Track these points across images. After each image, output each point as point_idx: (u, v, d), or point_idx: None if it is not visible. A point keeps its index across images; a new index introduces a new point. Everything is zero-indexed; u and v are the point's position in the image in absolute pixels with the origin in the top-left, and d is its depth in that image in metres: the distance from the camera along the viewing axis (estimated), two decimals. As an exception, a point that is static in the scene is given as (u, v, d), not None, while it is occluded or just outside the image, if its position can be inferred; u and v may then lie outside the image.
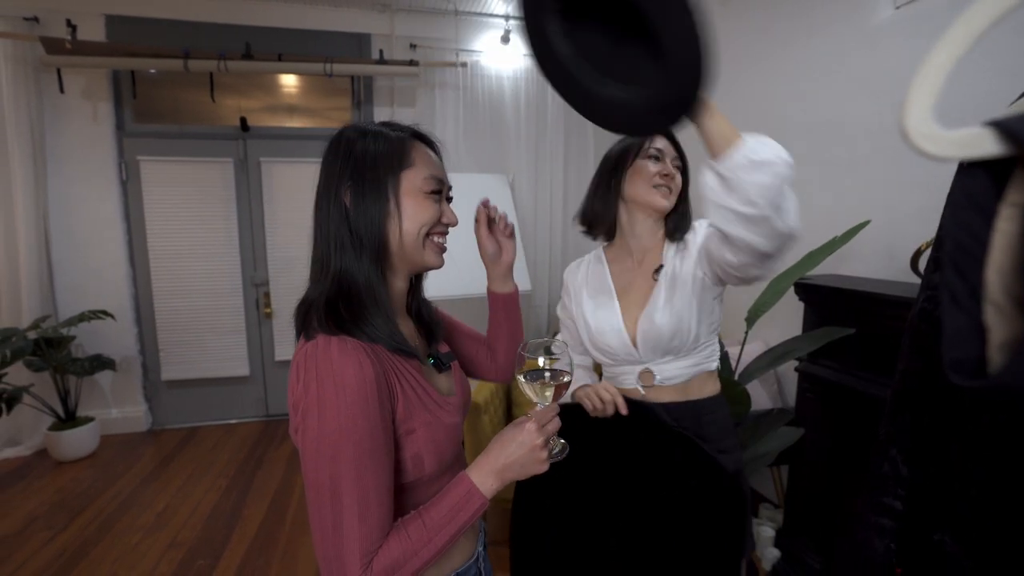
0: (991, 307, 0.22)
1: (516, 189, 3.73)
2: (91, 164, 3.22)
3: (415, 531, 0.63)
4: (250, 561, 2.11)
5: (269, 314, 3.56)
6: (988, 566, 0.41)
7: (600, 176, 1.15)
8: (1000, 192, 0.22)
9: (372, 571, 0.59)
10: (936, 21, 1.73)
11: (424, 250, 0.73)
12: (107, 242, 3.28)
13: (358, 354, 0.62)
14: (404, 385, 0.68)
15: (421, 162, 0.73)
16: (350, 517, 0.59)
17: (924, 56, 0.23)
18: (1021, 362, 0.21)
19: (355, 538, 0.59)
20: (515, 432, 0.68)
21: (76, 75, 3.13)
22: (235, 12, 3.28)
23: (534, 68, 1.14)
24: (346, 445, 0.60)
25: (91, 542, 2.24)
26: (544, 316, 3.86)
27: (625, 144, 1.11)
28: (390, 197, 0.70)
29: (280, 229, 3.54)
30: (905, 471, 0.47)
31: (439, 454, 0.70)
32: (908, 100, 0.24)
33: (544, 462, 0.68)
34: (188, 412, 3.56)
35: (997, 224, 0.22)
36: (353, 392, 0.60)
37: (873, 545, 0.48)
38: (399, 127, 0.76)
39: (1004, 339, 0.22)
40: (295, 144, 3.54)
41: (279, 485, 2.73)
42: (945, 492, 0.45)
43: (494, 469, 0.67)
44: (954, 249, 0.23)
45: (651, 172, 1.06)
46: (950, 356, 0.24)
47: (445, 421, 0.72)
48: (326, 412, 0.60)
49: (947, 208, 0.24)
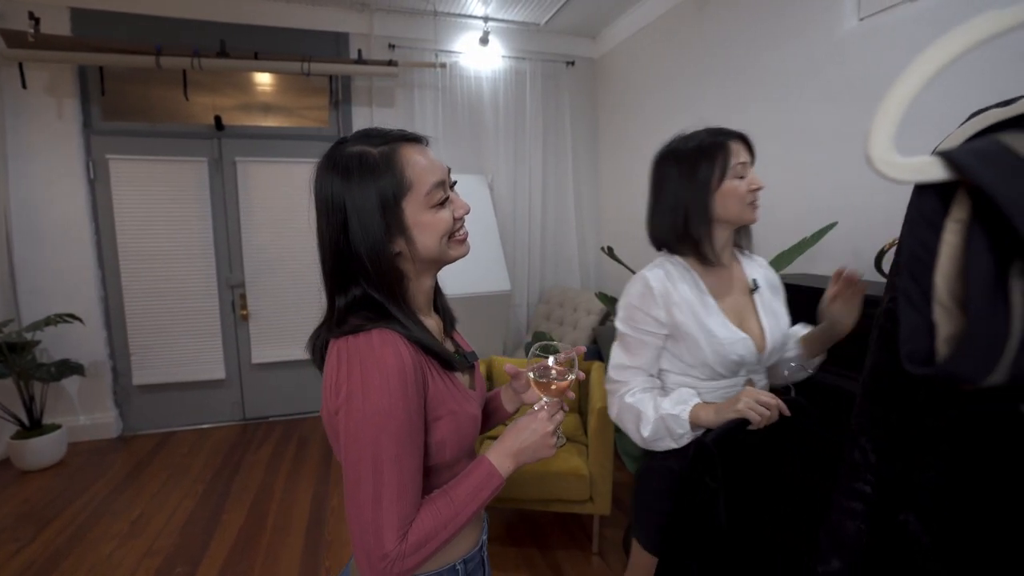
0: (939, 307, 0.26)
1: (495, 190, 3.75)
2: (56, 163, 3.11)
3: (444, 506, 0.69)
4: (231, 566, 2.08)
5: (245, 316, 3.50)
6: (943, 542, 0.46)
7: (688, 199, 1.06)
8: (947, 209, 0.27)
9: (407, 542, 0.65)
10: (898, 32, 1.83)
11: (450, 250, 0.76)
12: (74, 243, 3.17)
13: (398, 342, 0.68)
14: (435, 374, 0.73)
15: (418, 176, 0.70)
16: (389, 492, 0.64)
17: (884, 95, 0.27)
18: (960, 353, 0.25)
19: (394, 511, 0.64)
20: (528, 420, 0.76)
21: (40, 70, 3.02)
22: (209, 8, 3.21)
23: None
24: (388, 425, 0.65)
25: (62, 553, 2.18)
26: (523, 315, 3.90)
27: (707, 163, 1.04)
28: (396, 233, 0.70)
29: (257, 230, 3.48)
30: (874, 459, 0.51)
31: (460, 442, 0.75)
32: (872, 132, 0.28)
33: (552, 447, 0.75)
34: (161, 417, 3.47)
35: (944, 237, 0.26)
36: (395, 377, 0.65)
37: (846, 526, 0.52)
38: (382, 138, 0.72)
39: (948, 334, 0.26)
40: (272, 144, 3.49)
41: (258, 489, 2.69)
42: (908, 477, 0.50)
43: (510, 452, 0.74)
44: (909, 258, 0.27)
45: (743, 191, 1.04)
46: (905, 348, 0.28)
47: (469, 411, 0.77)
48: (370, 394, 0.64)
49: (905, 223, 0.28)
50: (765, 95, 2.42)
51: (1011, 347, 0.25)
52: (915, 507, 0.49)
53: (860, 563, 0.50)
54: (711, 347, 1.03)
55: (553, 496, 2.03)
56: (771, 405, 0.94)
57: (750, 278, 1.14)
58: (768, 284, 1.17)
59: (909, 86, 0.26)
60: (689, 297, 1.06)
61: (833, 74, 2.08)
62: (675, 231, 1.09)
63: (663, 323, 1.06)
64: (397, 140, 0.72)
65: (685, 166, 1.06)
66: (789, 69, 2.28)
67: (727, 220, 1.07)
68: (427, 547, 0.67)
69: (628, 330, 1.09)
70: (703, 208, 1.05)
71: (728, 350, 1.03)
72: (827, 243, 1.86)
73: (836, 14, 2.05)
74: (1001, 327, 0.25)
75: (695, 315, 1.05)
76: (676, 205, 1.07)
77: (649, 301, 1.06)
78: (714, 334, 1.03)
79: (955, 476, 0.45)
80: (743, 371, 1.08)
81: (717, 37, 2.71)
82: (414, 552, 0.66)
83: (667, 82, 3.16)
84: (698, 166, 1.05)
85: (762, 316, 1.11)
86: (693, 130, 1.11)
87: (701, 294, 1.07)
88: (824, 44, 2.11)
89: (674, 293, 1.06)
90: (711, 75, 2.77)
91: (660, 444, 1.04)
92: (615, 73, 3.79)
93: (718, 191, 1.04)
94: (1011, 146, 0.26)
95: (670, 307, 1.05)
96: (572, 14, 3.51)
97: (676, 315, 1.05)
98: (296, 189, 3.53)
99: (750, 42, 2.50)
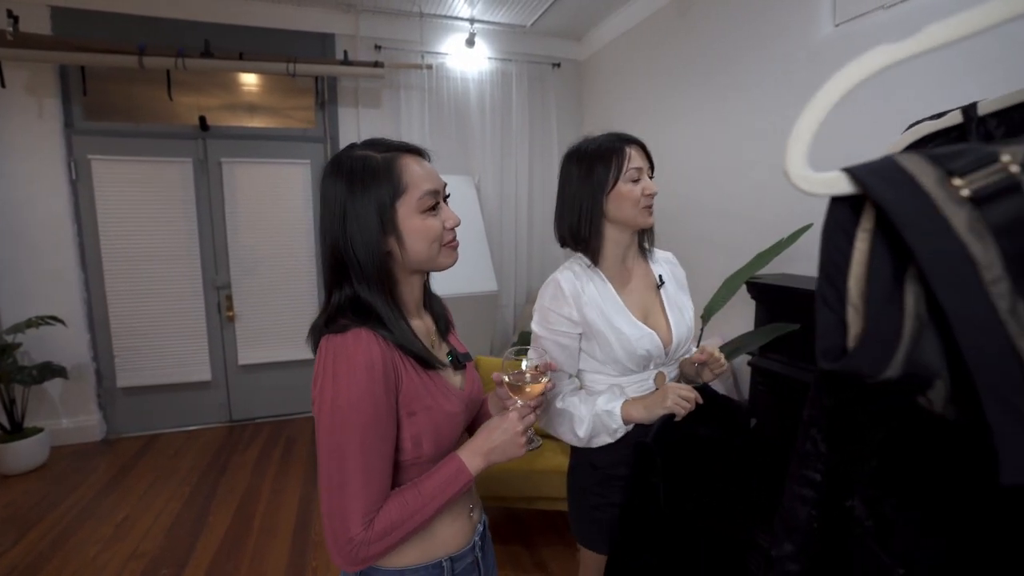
0: (851, 308, 0.29)
1: (481, 190, 3.77)
2: (37, 163, 3.07)
3: (412, 498, 0.72)
4: (217, 568, 2.08)
5: (232, 317, 3.49)
6: (882, 525, 0.49)
7: (583, 199, 1.10)
8: (857, 219, 0.30)
9: (372, 529, 0.69)
10: (872, 38, 1.88)
11: (440, 256, 0.80)
12: (56, 244, 3.13)
13: (371, 341, 0.72)
14: (411, 372, 0.76)
15: (413, 182, 0.76)
16: (355, 480, 0.68)
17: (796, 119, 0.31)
18: (859, 349, 0.29)
19: (359, 498, 0.68)
20: (500, 421, 0.79)
21: (19, 69, 2.98)
22: (193, 8, 3.19)
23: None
24: (354, 416, 0.68)
25: (45, 557, 2.16)
26: (510, 316, 3.92)
27: (603, 166, 1.08)
28: (389, 230, 0.75)
29: (242, 231, 3.46)
30: (823, 448, 0.55)
31: (437, 439, 0.78)
32: (788, 150, 0.31)
33: (522, 447, 0.78)
34: (146, 419, 3.45)
35: (855, 244, 0.29)
36: (362, 372, 0.69)
37: (797, 512, 0.56)
38: (386, 146, 0.78)
39: (856, 333, 0.29)
40: (257, 144, 3.47)
41: (245, 491, 2.69)
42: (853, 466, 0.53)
43: (481, 451, 0.77)
44: (826, 262, 0.31)
45: (637, 195, 1.07)
46: (820, 345, 0.31)
47: (446, 408, 0.79)
48: (340, 388, 0.69)
49: (822, 231, 0.31)
50: (745, 98, 2.47)
51: (903, 344, 0.28)
52: (860, 493, 0.52)
53: (810, 546, 0.54)
54: (620, 343, 1.07)
55: (538, 494, 2.06)
56: (690, 398, 1.02)
57: (656, 274, 1.19)
58: (674, 279, 1.22)
59: (817, 111, 0.30)
60: (596, 296, 1.10)
61: (809, 78, 2.14)
62: (572, 229, 1.13)
63: (576, 322, 1.09)
64: (399, 150, 0.79)
65: (584, 167, 1.10)
66: (767, 73, 2.33)
67: (622, 222, 1.10)
68: (393, 535, 0.70)
69: (545, 332, 1.11)
70: (597, 208, 1.09)
71: (635, 345, 1.07)
72: (803, 244, 1.91)
73: (813, 20, 2.11)
74: (895, 326, 0.28)
75: (603, 313, 1.09)
76: (574, 204, 1.11)
77: (561, 302, 1.09)
78: (621, 331, 1.08)
79: (890, 464, 0.49)
80: (652, 365, 1.13)
81: (698, 41, 2.76)
82: (379, 539, 0.69)
83: (650, 84, 3.20)
84: (595, 168, 1.09)
85: (668, 311, 1.16)
86: (600, 133, 1.15)
87: (608, 292, 1.12)
88: (801, 49, 2.17)
89: (583, 293, 1.10)
90: (692, 78, 2.82)
91: (596, 441, 1.09)
92: (600, 75, 3.83)
93: (612, 193, 1.08)
94: (902, 165, 0.29)
95: (581, 306, 1.08)
96: (558, 16, 3.54)
97: (587, 313, 1.08)
98: (282, 190, 3.52)
99: (730, 46, 2.55)
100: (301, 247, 3.59)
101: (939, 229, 0.26)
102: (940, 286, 0.26)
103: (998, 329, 0.26)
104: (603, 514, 1.13)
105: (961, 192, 0.27)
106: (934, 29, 0.30)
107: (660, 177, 1.16)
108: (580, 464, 1.18)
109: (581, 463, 1.17)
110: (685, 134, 2.87)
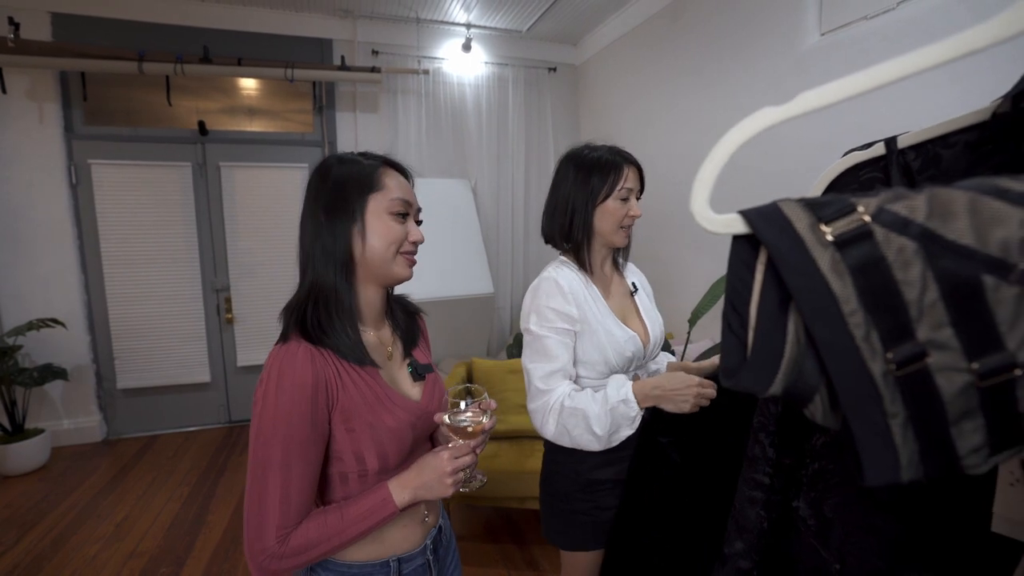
0: (751, 331, 0.33)
1: (478, 194, 3.81)
2: (38, 167, 3.11)
3: (333, 521, 0.74)
4: (215, 566, 2.12)
5: (231, 320, 3.53)
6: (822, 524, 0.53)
7: (576, 204, 1.13)
8: (756, 253, 0.34)
9: (288, 545, 0.71)
10: (856, 47, 1.92)
11: (394, 264, 0.82)
12: (56, 248, 3.18)
13: (304, 359, 0.73)
14: (349, 388, 0.77)
15: (389, 186, 0.81)
16: (272, 495, 0.70)
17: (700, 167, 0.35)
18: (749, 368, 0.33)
19: (275, 514, 0.70)
20: (431, 458, 0.79)
21: (20, 74, 3.03)
22: (192, 14, 3.24)
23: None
24: (278, 432, 0.71)
25: (45, 556, 2.20)
26: (507, 317, 3.96)
27: (599, 178, 1.11)
28: (357, 218, 0.79)
29: (241, 234, 3.51)
30: (771, 453, 0.59)
31: (381, 454, 0.79)
32: (693, 194, 0.36)
33: (449, 487, 0.78)
34: (146, 420, 3.49)
35: (755, 275, 0.34)
36: (290, 389, 0.71)
37: (747, 513, 0.59)
38: (374, 156, 0.85)
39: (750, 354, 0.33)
40: (255, 148, 3.52)
41: (244, 491, 2.72)
42: (798, 469, 0.57)
43: (409, 486, 0.78)
44: (731, 291, 0.34)
45: (621, 214, 1.11)
46: (723, 364, 0.35)
47: (387, 424, 0.79)
48: (267, 405, 0.71)
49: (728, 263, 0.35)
50: (735, 104, 2.51)
51: (784, 365, 0.32)
52: (804, 495, 0.56)
53: (758, 544, 0.58)
54: (610, 344, 1.10)
55: (529, 494, 2.09)
56: (712, 396, 0.99)
57: (629, 281, 1.25)
58: (643, 288, 1.28)
59: (716, 161, 0.34)
60: (589, 301, 1.13)
61: (796, 86, 2.16)
62: (561, 230, 1.16)
63: (575, 319, 1.09)
64: (386, 163, 0.84)
65: (582, 173, 1.13)
66: (756, 80, 2.37)
67: (601, 235, 1.14)
68: (307, 554, 0.72)
69: (545, 331, 1.09)
70: (586, 216, 1.12)
71: (623, 347, 1.11)
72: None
73: (799, 29, 2.15)
74: (779, 348, 0.32)
75: (601, 316, 1.12)
76: (565, 207, 1.14)
77: (560, 299, 1.09)
78: (611, 332, 1.11)
79: (829, 467, 0.53)
80: (632, 366, 1.17)
81: (689, 48, 2.80)
82: (294, 555, 0.71)
83: (644, 89, 3.24)
84: (591, 177, 1.12)
85: (643, 315, 1.21)
86: (603, 143, 1.18)
87: (596, 297, 1.15)
88: (788, 57, 2.20)
89: (579, 292, 1.12)
90: (684, 83, 2.86)
91: (616, 437, 1.06)
92: (595, 79, 3.87)
93: (600, 206, 1.11)
94: (783, 210, 0.33)
95: (580, 304, 1.10)
96: (553, 22, 3.58)
97: (585, 311, 1.10)
98: (280, 193, 3.56)
99: (720, 53, 2.59)
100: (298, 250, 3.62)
101: (808, 268, 0.31)
102: (809, 316, 0.30)
103: (855, 354, 0.30)
104: (590, 517, 1.14)
105: (827, 236, 0.31)
106: (808, 95, 0.34)
107: (650, 179, 1.21)
108: (559, 472, 1.17)
109: (561, 471, 1.16)
110: (676, 137, 2.91)
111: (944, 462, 0.30)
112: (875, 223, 0.31)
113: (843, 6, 1.97)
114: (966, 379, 0.29)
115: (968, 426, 0.29)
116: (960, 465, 0.30)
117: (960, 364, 0.29)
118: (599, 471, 1.13)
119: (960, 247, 0.29)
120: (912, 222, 0.30)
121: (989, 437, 0.29)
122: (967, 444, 0.29)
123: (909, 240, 0.30)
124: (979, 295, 0.29)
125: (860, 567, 0.51)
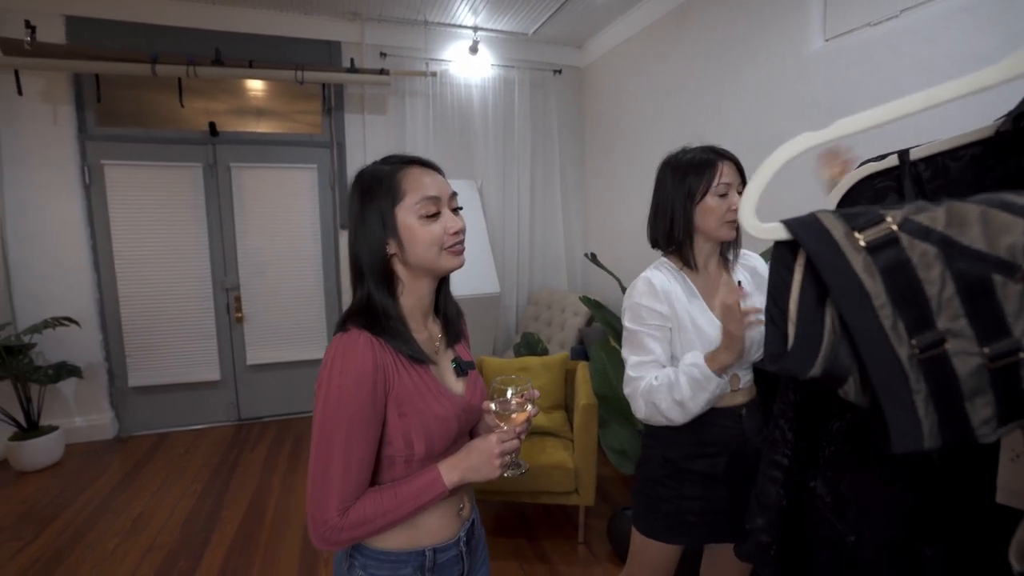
0: (791, 324, 0.39)
1: (484, 195, 3.87)
2: (51, 168, 3.15)
3: (388, 498, 0.79)
4: (232, 559, 2.17)
5: (240, 318, 3.57)
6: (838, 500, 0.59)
7: (675, 206, 1.16)
8: (794, 256, 0.40)
9: (347, 518, 0.77)
10: (860, 52, 1.97)
11: (440, 260, 0.85)
12: (70, 247, 3.22)
13: (365, 346, 0.78)
14: (404, 377, 0.82)
15: (412, 190, 0.82)
16: (336, 470, 0.76)
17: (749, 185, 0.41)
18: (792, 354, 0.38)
19: (337, 488, 0.76)
20: (481, 442, 0.84)
21: (35, 77, 3.07)
22: (204, 17, 3.28)
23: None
24: (341, 415, 0.76)
25: (65, 550, 2.25)
26: (512, 317, 4.01)
27: (695, 177, 1.14)
28: (388, 236, 0.83)
29: (251, 234, 3.55)
30: (790, 436, 0.64)
31: (428, 440, 0.84)
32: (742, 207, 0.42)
33: (496, 469, 0.83)
34: (157, 418, 3.53)
35: (794, 275, 0.39)
36: (352, 372, 0.77)
37: (768, 491, 0.65)
38: (394, 159, 0.86)
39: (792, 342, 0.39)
40: (265, 149, 3.56)
41: (256, 487, 2.77)
42: (815, 451, 0.63)
43: (459, 467, 0.83)
44: (772, 288, 0.40)
45: (722, 210, 1.12)
46: (767, 352, 0.41)
47: (436, 412, 0.84)
48: (331, 387, 0.77)
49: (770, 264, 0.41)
50: (740, 108, 2.56)
51: (824, 351, 0.38)
52: (820, 475, 0.62)
53: (778, 520, 0.63)
54: (700, 340, 1.13)
55: (541, 488, 2.15)
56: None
57: (736, 280, 1.24)
58: (754, 283, 1.25)
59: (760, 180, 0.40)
60: (683, 296, 1.16)
61: (801, 90, 2.23)
62: (664, 233, 1.19)
63: (667, 316, 1.14)
64: (408, 163, 0.85)
65: (678, 176, 1.16)
66: (761, 84, 2.43)
67: (706, 233, 1.15)
68: (364, 528, 0.78)
69: (637, 327, 1.16)
70: (686, 216, 1.15)
71: (715, 343, 1.11)
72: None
73: (804, 34, 2.20)
74: (818, 337, 0.38)
75: (689, 312, 1.15)
76: (666, 210, 1.18)
77: (652, 298, 1.15)
78: (704, 332, 1.13)
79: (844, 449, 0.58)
80: (744, 364, 1.18)
81: (696, 51, 2.85)
82: (352, 528, 0.77)
83: (649, 92, 3.30)
84: (687, 178, 1.15)
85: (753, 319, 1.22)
86: (698, 144, 1.21)
87: (692, 295, 1.17)
88: (793, 62, 2.26)
89: (672, 291, 1.16)
90: (690, 87, 2.92)
91: (695, 402, 1.07)
92: (601, 82, 3.92)
93: (700, 204, 1.14)
94: (821, 220, 0.39)
95: (671, 302, 1.15)
96: (559, 24, 3.63)
97: (677, 309, 1.15)
98: (289, 193, 3.61)
99: (726, 57, 2.64)
100: (308, 249, 3.68)
101: (844, 268, 0.36)
102: (845, 309, 0.36)
103: (885, 340, 0.36)
104: (670, 506, 1.17)
105: (860, 242, 0.37)
106: (844, 122, 0.40)
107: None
108: (652, 457, 1.21)
109: (653, 456, 1.21)
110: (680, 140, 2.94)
111: (960, 432, 0.35)
112: (901, 231, 0.36)
113: (847, 13, 2.03)
114: (978, 361, 0.35)
115: (980, 401, 0.35)
116: (974, 435, 0.35)
117: (973, 349, 0.35)
118: (689, 461, 1.16)
119: (974, 251, 0.35)
120: (933, 230, 0.36)
121: (998, 410, 0.35)
122: (979, 416, 0.35)
123: (930, 245, 0.35)
124: (990, 291, 0.34)
125: (875, 538, 0.56)
